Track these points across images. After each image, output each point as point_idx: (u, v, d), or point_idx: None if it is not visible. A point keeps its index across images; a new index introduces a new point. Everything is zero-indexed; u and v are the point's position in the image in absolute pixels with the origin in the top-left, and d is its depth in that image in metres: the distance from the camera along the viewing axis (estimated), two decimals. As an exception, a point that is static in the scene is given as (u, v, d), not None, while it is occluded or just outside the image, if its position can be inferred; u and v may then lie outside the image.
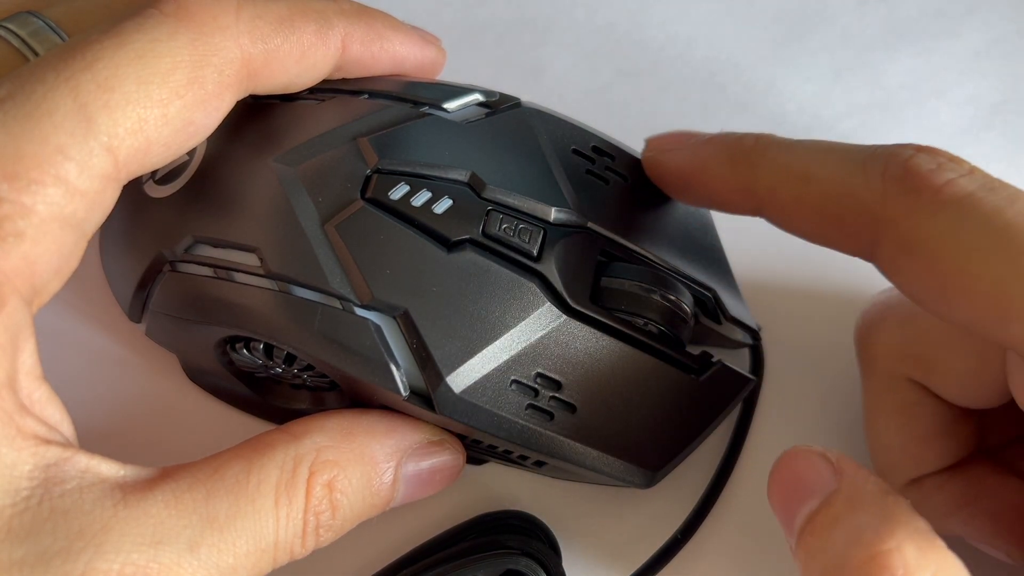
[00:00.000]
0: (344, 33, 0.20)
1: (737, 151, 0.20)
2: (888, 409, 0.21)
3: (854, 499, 0.16)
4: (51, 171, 0.16)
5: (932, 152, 0.18)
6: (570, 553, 0.23)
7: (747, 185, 0.20)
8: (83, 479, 0.16)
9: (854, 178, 0.18)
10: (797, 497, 0.17)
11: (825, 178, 0.18)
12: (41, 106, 0.16)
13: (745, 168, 0.20)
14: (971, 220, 0.16)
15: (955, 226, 0.16)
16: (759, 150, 0.20)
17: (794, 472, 0.17)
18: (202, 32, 0.17)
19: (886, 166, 0.18)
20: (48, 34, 0.22)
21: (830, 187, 0.18)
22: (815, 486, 0.17)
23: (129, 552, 0.15)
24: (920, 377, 0.20)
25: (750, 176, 0.20)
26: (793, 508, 0.17)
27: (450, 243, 0.19)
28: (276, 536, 0.17)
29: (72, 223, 0.16)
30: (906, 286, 0.18)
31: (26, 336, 0.16)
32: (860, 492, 0.16)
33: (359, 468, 0.19)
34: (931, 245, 0.17)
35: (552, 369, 0.20)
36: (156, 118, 0.17)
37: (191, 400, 0.24)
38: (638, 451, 0.20)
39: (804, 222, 0.19)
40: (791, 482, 0.17)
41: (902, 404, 0.21)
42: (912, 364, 0.20)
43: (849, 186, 0.18)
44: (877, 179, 0.18)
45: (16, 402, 0.16)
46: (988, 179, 0.17)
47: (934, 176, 0.17)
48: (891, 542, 0.15)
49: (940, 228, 0.16)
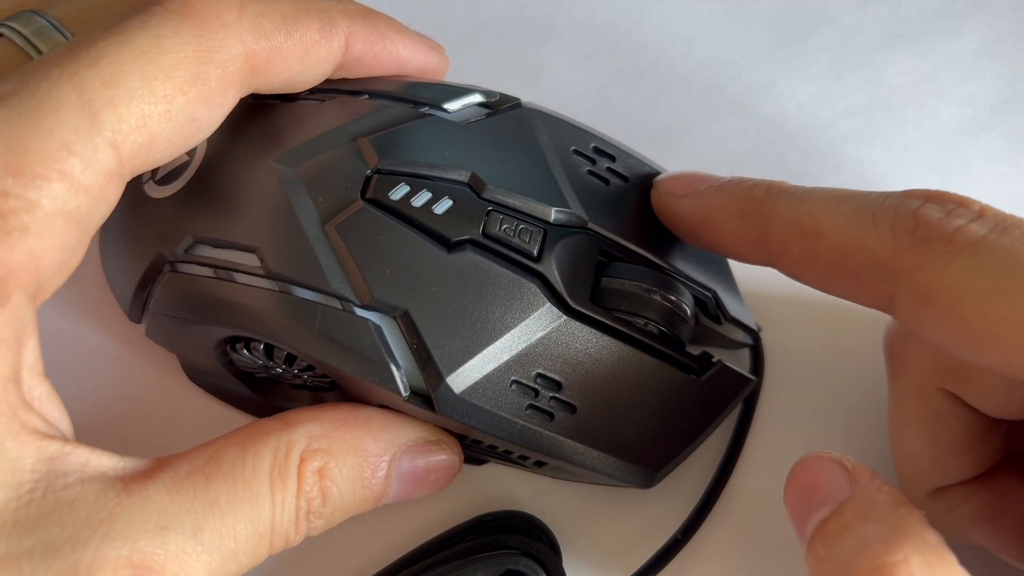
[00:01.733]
0: (347, 32, 0.20)
1: (747, 203, 0.20)
2: (917, 419, 0.21)
3: (865, 509, 0.16)
4: (56, 166, 0.16)
5: (940, 199, 0.17)
6: (570, 553, 0.23)
7: (758, 239, 0.20)
8: (84, 472, 0.16)
9: (865, 232, 0.18)
10: (811, 503, 0.17)
11: (837, 233, 0.18)
12: (46, 102, 0.16)
13: (755, 222, 0.20)
14: (987, 265, 0.16)
15: (971, 273, 0.16)
16: (769, 203, 0.19)
17: (810, 478, 0.17)
18: (206, 29, 0.17)
19: (895, 219, 0.17)
20: (51, 33, 0.22)
21: (842, 242, 0.18)
22: (829, 493, 0.16)
23: (136, 539, 0.15)
24: (954, 388, 0.20)
25: (761, 230, 0.20)
26: (807, 514, 0.17)
27: (450, 243, 0.19)
28: (272, 521, 0.17)
29: (76, 218, 0.16)
30: (928, 336, 0.17)
31: (30, 332, 0.16)
32: (872, 502, 0.16)
33: (351, 459, 0.19)
34: (949, 294, 0.16)
35: (552, 369, 0.20)
36: (160, 114, 0.17)
37: (191, 400, 0.24)
38: (638, 451, 0.20)
39: (818, 277, 0.19)
40: (806, 488, 0.17)
41: (932, 414, 0.20)
42: (945, 374, 0.20)
43: (861, 240, 0.18)
44: (888, 233, 0.17)
45: (20, 397, 0.16)
46: (999, 219, 0.17)
47: (944, 224, 0.17)
48: (898, 554, 0.15)
49: (956, 276, 0.16)
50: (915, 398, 0.21)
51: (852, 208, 0.18)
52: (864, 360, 0.25)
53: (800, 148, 0.28)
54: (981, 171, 0.28)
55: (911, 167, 0.28)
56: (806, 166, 0.28)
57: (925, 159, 0.28)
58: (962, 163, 0.28)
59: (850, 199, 0.18)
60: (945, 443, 0.20)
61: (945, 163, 0.28)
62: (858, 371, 0.25)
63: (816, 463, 0.17)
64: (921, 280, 0.17)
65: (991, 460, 0.21)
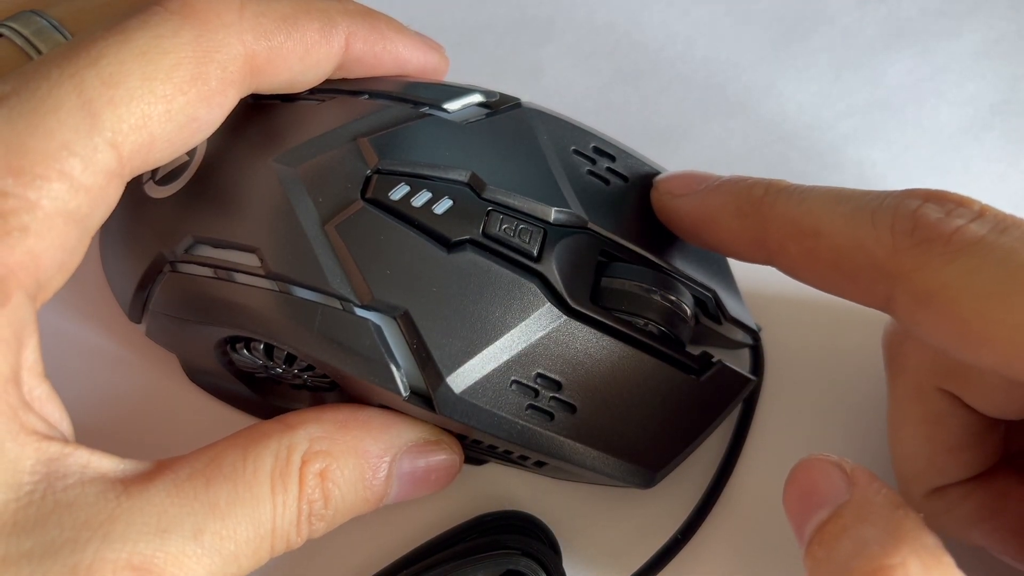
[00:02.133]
0: (348, 32, 0.20)
1: (746, 202, 0.20)
2: (916, 418, 0.21)
3: (863, 511, 0.16)
4: (56, 166, 0.16)
5: (939, 198, 0.17)
6: (570, 553, 0.23)
7: (757, 238, 0.20)
8: (84, 473, 0.16)
9: (864, 232, 0.18)
10: (810, 505, 0.17)
11: (835, 233, 0.18)
12: (46, 102, 0.16)
13: (754, 221, 0.20)
14: (985, 265, 0.16)
15: (969, 273, 0.16)
16: (768, 202, 0.19)
17: (809, 480, 0.17)
18: (206, 29, 0.17)
19: (894, 219, 0.17)
20: (51, 33, 0.22)
21: (841, 242, 0.18)
22: (828, 495, 0.16)
23: (136, 541, 0.15)
24: (953, 388, 0.20)
25: (760, 229, 0.19)
26: (805, 516, 0.17)
27: (450, 243, 0.19)
28: (273, 523, 0.17)
29: (76, 218, 0.16)
30: (926, 337, 0.17)
31: (30, 332, 0.16)
32: (870, 504, 0.16)
33: (352, 460, 0.19)
34: (947, 295, 0.16)
35: (552, 369, 0.20)
36: (160, 114, 0.17)
37: (191, 401, 0.24)
38: (638, 451, 0.20)
39: (816, 276, 0.19)
40: (805, 490, 0.17)
41: (931, 414, 0.20)
42: (945, 375, 0.20)
43: (860, 240, 0.18)
44: (887, 233, 0.17)
45: (20, 398, 0.16)
46: (999, 219, 0.17)
47: (943, 225, 0.17)
48: (896, 557, 0.14)
49: (954, 277, 0.16)
50: (914, 398, 0.21)
51: (851, 208, 0.18)
52: (864, 360, 0.25)
53: (800, 148, 0.28)
54: (981, 171, 0.28)
55: (911, 167, 0.28)
56: (806, 166, 0.28)
57: (925, 159, 0.28)
58: (962, 163, 0.28)
59: (849, 199, 0.18)
60: (944, 443, 0.20)
61: (945, 163, 0.28)
62: (858, 371, 0.25)
63: (815, 465, 0.17)
64: (919, 281, 0.17)
65: (990, 460, 0.21)
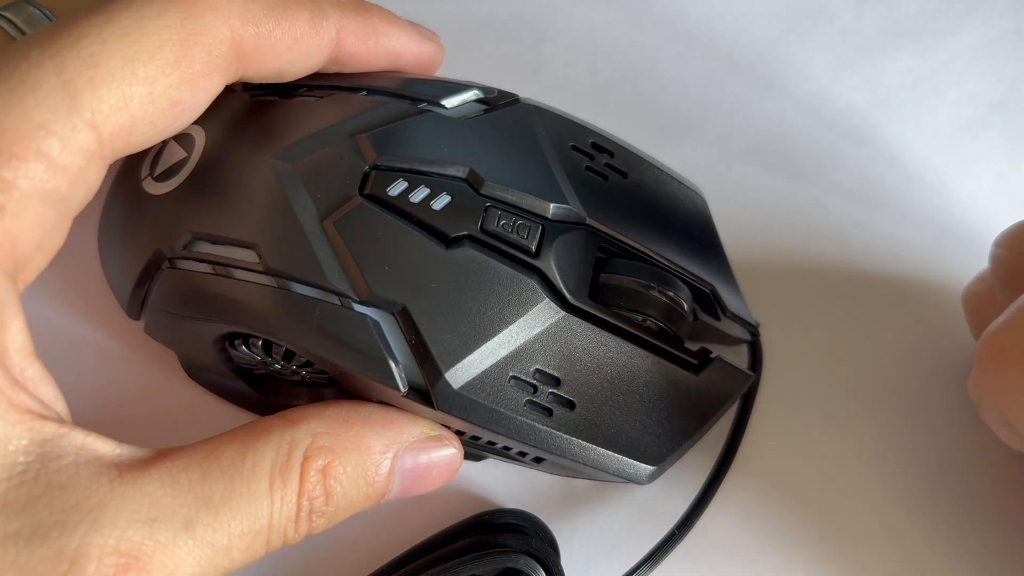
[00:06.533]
0: (339, 25, 0.20)
1: None
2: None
3: None
4: (33, 146, 0.16)
5: None
6: (569, 551, 0.23)
7: None
8: (79, 455, 0.16)
9: None
10: None
11: None
12: (25, 82, 0.16)
13: None
14: None
15: None
16: None
17: None
18: (192, 12, 0.17)
19: None
20: (43, 21, 0.22)
21: None
22: None
23: (125, 528, 0.15)
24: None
25: None
26: None
27: (448, 239, 0.19)
28: (270, 519, 0.17)
29: (54, 199, 0.16)
30: None
31: (13, 312, 0.16)
32: None
33: (354, 456, 0.19)
34: None
35: (551, 365, 0.19)
36: (142, 96, 0.17)
37: (190, 397, 0.24)
38: (637, 447, 0.20)
39: None
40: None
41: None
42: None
43: None
44: None
45: (7, 376, 0.15)
46: None
47: None
48: None
49: None
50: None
51: None
52: (862, 356, 0.25)
53: (799, 147, 0.28)
54: (980, 170, 0.28)
55: (911, 166, 0.28)
56: (806, 166, 0.28)
57: (925, 158, 0.28)
58: (962, 162, 0.28)
59: None
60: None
61: (945, 162, 0.28)
62: (856, 367, 0.25)
63: None
64: None
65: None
